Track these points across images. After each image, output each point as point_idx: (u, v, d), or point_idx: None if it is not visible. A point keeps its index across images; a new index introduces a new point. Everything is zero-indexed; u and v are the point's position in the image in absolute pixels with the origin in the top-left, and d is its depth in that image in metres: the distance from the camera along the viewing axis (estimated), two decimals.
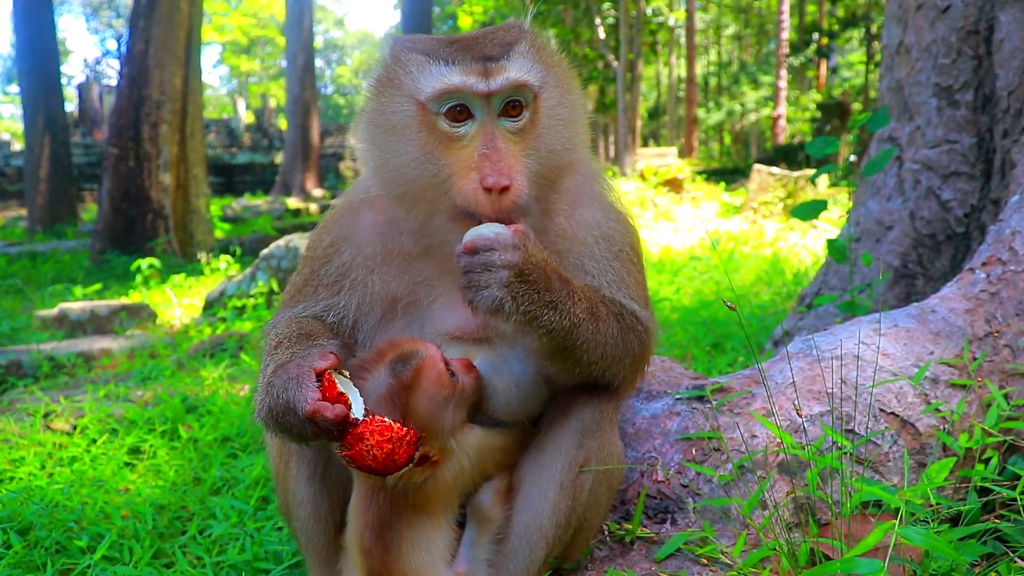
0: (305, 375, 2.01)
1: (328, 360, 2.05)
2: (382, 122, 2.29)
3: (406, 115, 2.24)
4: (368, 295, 2.45)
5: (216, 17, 76.14)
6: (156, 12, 16.90)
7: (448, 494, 2.25)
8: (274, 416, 2.03)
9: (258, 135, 43.08)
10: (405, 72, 2.26)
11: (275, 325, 2.43)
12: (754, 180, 20.13)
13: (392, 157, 2.27)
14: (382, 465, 1.94)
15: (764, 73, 50.83)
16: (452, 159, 2.19)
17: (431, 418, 2.16)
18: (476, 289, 2.06)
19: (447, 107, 2.19)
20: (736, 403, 3.02)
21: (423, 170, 2.21)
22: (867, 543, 2.03)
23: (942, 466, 2.70)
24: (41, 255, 18.27)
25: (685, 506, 2.77)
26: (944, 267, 4.84)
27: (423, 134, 2.21)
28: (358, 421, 1.95)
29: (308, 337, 2.27)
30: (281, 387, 2.02)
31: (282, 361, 2.12)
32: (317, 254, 2.54)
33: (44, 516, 3.58)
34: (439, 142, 2.20)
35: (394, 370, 2.16)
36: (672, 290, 9.26)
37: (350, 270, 2.46)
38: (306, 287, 2.54)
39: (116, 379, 6.62)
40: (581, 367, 2.29)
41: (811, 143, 4.47)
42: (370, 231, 2.48)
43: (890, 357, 3.11)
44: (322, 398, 1.96)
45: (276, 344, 2.25)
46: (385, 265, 2.45)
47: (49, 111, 23.28)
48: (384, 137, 2.29)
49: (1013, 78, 4.43)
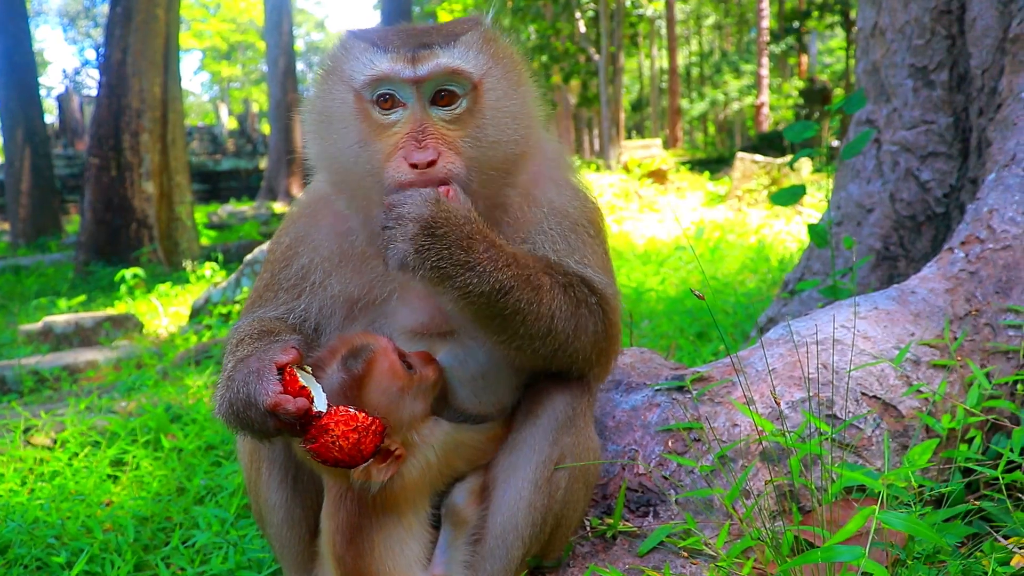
0: (266, 368, 1.97)
1: (289, 355, 2.01)
2: (324, 111, 2.30)
3: (344, 103, 2.25)
4: (328, 298, 2.44)
5: (195, 23, 75.85)
6: (132, 20, 16.78)
7: (417, 492, 2.22)
8: (234, 411, 1.99)
9: (242, 141, 42.89)
10: (346, 60, 2.27)
11: (237, 328, 2.40)
12: (738, 168, 20.14)
13: (331, 147, 2.28)
14: (348, 456, 1.91)
15: (746, 62, 50.89)
16: (383, 145, 2.19)
17: (387, 410, 2.12)
18: (387, 244, 2.05)
19: (377, 94, 2.20)
20: (717, 392, 3.00)
21: (358, 158, 2.22)
22: (848, 529, 2.01)
23: (925, 448, 2.68)
24: (25, 269, 18.15)
25: (667, 498, 2.75)
26: (925, 248, 4.83)
27: (358, 122, 2.22)
28: (321, 414, 1.92)
29: (269, 334, 2.24)
30: (241, 381, 1.98)
31: (243, 356, 2.09)
32: (276, 257, 2.52)
33: (24, 533, 3.54)
34: (372, 130, 2.20)
35: (345, 365, 2.13)
36: (657, 281, 9.25)
37: (308, 273, 2.45)
38: (267, 291, 2.52)
39: (100, 391, 6.57)
40: (525, 343, 2.22)
41: (788, 128, 4.45)
42: (327, 232, 2.46)
43: (871, 340, 3.09)
44: (284, 391, 1.92)
45: (237, 342, 2.22)
46: (341, 266, 2.43)
47: (29, 123, 23.13)
48: (325, 127, 2.29)
49: (987, 56, 4.42)
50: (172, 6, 17.69)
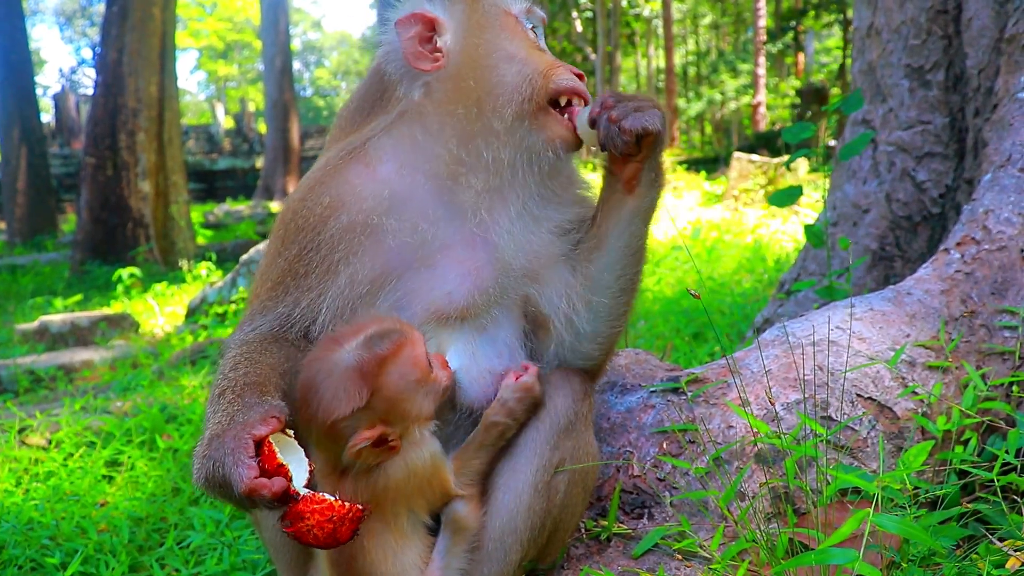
0: (242, 448, 1.86)
1: (269, 425, 1.92)
2: (473, 25, 2.43)
3: (504, 25, 2.46)
4: (366, 260, 2.35)
5: (191, 22, 75.67)
6: (128, 20, 16.77)
7: (402, 497, 2.20)
8: (212, 487, 1.92)
9: (238, 140, 42.83)
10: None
11: (231, 347, 2.33)
12: (735, 168, 20.12)
13: (483, 59, 2.40)
14: (323, 543, 1.84)
15: (743, 61, 50.82)
16: (543, 59, 2.44)
17: (399, 398, 2.10)
18: (633, 112, 2.23)
19: (530, 25, 2.52)
20: (712, 394, 2.99)
21: (518, 67, 2.40)
22: (843, 532, 2.00)
23: (920, 450, 2.68)
24: (21, 268, 18.14)
25: (662, 500, 2.74)
26: (921, 248, 4.83)
27: (520, 38, 2.45)
28: (299, 496, 1.84)
29: (255, 388, 2.12)
30: (219, 460, 1.88)
31: (220, 427, 1.98)
32: (309, 223, 2.38)
33: (18, 534, 3.53)
34: (532, 47, 2.47)
35: (371, 343, 2.09)
36: (654, 281, 9.25)
37: (350, 229, 2.35)
38: (287, 275, 2.39)
39: (96, 391, 6.56)
40: (638, 282, 2.57)
41: (786, 130, 4.44)
42: (372, 185, 2.39)
43: (866, 341, 3.09)
44: (260, 472, 1.83)
45: (220, 392, 2.12)
46: (396, 211, 2.37)
47: (25, 122, 23.10)
48: (475, 39, 2.42)
49: (982, 57, 4.42)
50: (168, 5, 17.70)
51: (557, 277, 2.50)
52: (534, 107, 2.36)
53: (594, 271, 2.48)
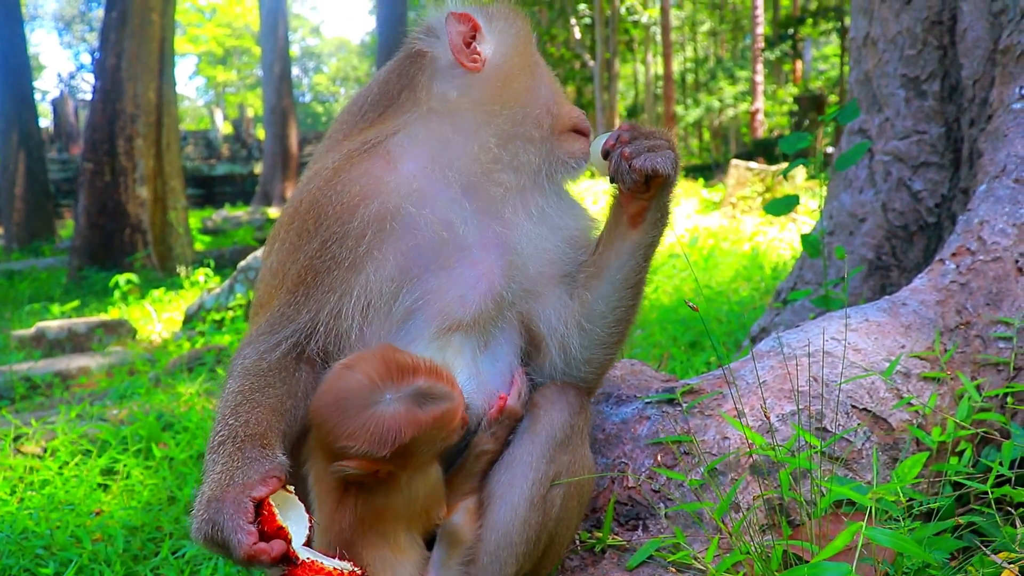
0: (241, 513, 1.86)
1: (270, 486, 1.92)
2: (515, 45, 2.57)
3: (531, 45, 2.64)
4: (391, 251, 2.30)
5: (190, 28, 75.66)
6: (128, 25, 16.79)
7: (402, 517, 2.20)
8: (212, 547, 1.91)
9: (236, 145, 42.84)
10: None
11: (233, 377, 2.26)
12: (732, 175, 20.13)
13: (522, 74, 2.54)
14: None
15: (741, 68, 50.84)
16: (560, 89, 2.67)
17: (415, 452, 2.09)
18: (647, 151, 2.28)
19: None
20: (707, 405, 2.99)
21: (548, 92, 2.59)
22: (837, 544, 2.00)
23: (914, 461, 2.68)
24: (18, 273, 18.13)
25: (656, 512, 2.74)
26: (917, 258, 4.84)
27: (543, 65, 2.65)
28: (297, 561, 1.83)
29: (256, 440, 2.07)
30: (218, 524, 1.87)
31: (220, 488, 1.95)
32: (335, 212, 2.30)
33: (12, 543, 3.53)
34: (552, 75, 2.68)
35: (417, 401, 2.05)
36: (651, 289, 9.24)
37: (379, 217, 2.30)
38: (306, 276, 2.30)
39: (92, 398, 6.55)
40: (636, 308, 2.60)
41: (783, 139, 4.44)
42: (397, 178, 2.36)
43: (861, 352, 3.09)
44: (260, 535, 1.83)
45: (220, 442, 2.07)
46: (422, 205, 2.35)
47: (23, 127, 23.12)
48: (517, 60, 2.55)
49: (978, 67, 4.43)
50: (167, 11, 17.72)
51: (556, 298, 2.53)
52: (559, 127, 2.56)
53: (591, 299, 2.52)
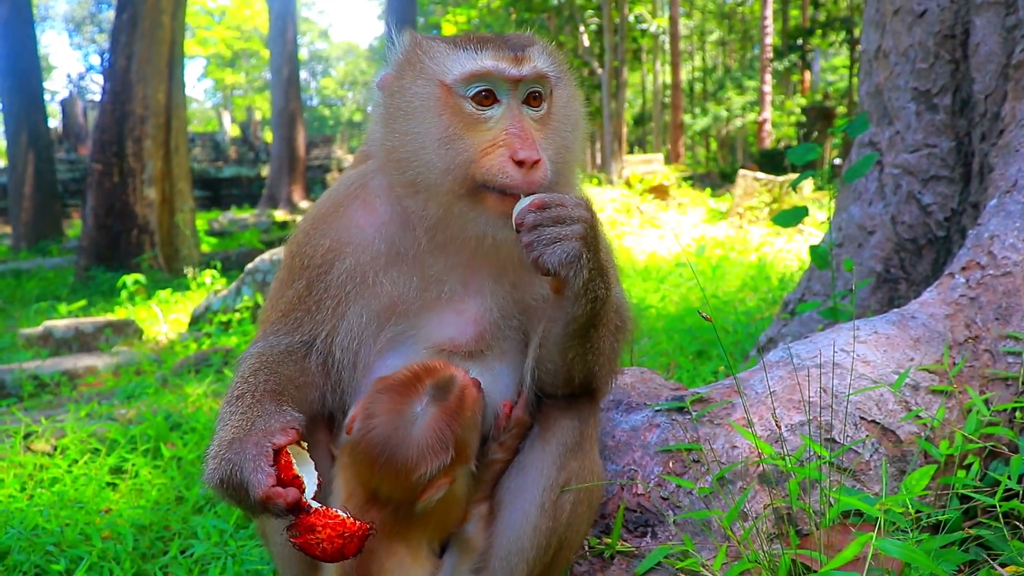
0: (262, 455, 1.91)
1: (289, 436, 1.96)
2: (400, 106, 2.27)
3: (427, 98, 2.23)
4: (373, 302, 2.36)
5: (199, 31, 75.94)
6: (138, 27, 16.87)
7: (438, 525, 2.23)
8: (225, 489, 1.95)
9: (244, 148, 42.94)
10: (429, 57, 2.27)
11: (248, 358, 2.34)
12: (740, 185, 20.17)
13: (409, 142, 2.23)
14: (330, 557, 1.87)
15: (749, 78, 50.98)
16: (475, 140, 2.19)
17: (468, 441, 2.14)
18: (546, 244, 2.03)
19: (475, 90, 2.20)
20: (716, 414, 3.00)
21: (444, 152, 2.19)
22: (845, 555, 2.02)
23: (922, 474, 2.68)
24: (26, 273, 18.20)
25: (665, 519, 2.75)
26: (926, 271, 4.85)
27: (445, 116, 2.20)
28: (310, 508, 1.88)
29: (274, 396, 2.15)
30: (237, 464, 1.92)
31: (240, 430, 2.01)
32: (314, 262, 2.38)
33: (23, 540, 3.55)
34: (463, 124, 2.20)
35: (439, 396, 2.11)
36: (658, 298, 9.26)
37: (354, 275, 2.36)
38: (297, 308, 2.41)
39: (100, 397, 6.58)
40: (591, 355, 2.32)
41: (792, 150, 4.45)
42: (372, 230, 2.39)
43: (871, 364, 3.10)
44: (277, 481, 1.88)
45: (239, 395, 2.14)
46: (390, 266, 2.37)
47: (32, 127, 23.24)
48: (401, 122, 2.26)
49: (990, 82, 4.45)
50: (178, 14, 17.80)
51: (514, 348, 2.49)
52: (465, 191, 2.20)
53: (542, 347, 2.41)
